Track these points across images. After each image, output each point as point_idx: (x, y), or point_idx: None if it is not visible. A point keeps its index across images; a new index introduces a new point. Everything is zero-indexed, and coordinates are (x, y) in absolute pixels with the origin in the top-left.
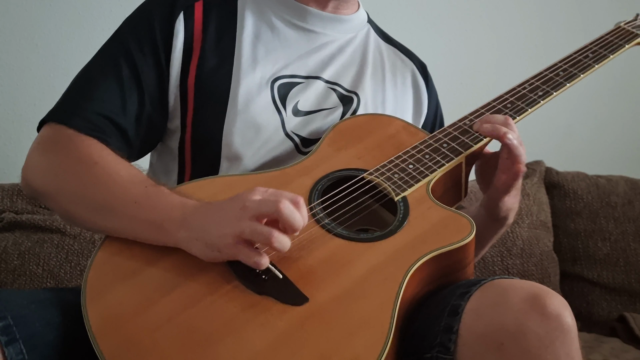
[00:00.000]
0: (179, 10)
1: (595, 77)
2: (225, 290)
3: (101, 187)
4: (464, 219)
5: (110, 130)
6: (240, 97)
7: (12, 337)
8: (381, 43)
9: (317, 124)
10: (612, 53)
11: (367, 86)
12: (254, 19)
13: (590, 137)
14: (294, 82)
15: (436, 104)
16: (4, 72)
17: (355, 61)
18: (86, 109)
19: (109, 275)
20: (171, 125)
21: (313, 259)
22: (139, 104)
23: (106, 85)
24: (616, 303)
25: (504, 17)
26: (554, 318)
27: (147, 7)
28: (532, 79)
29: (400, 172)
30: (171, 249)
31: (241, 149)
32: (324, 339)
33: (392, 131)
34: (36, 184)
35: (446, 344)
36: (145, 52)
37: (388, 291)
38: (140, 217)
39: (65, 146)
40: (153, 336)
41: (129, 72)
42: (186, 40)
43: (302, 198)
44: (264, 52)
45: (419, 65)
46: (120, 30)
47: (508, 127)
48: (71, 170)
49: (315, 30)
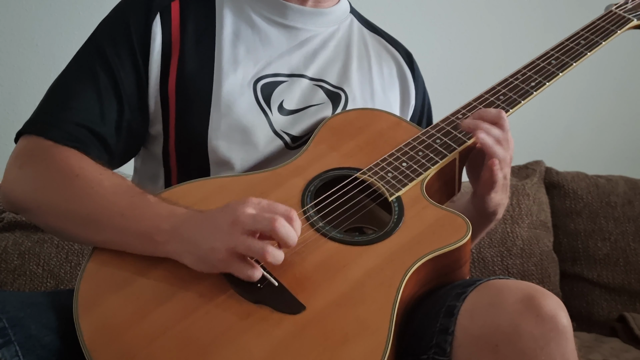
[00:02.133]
0: (155, 11)
1: (596, 77)
2: (220, 299)
3: (85, 201)
4: (459, 219)
5: (89, 140)
6: (222, 99)
7: (7, 339)
8: (365, 32)
9: (306, 121)
10: (604, 39)
11: (354, 80)
12: (233, 17)
13: (590, 137)
14: (277, 81)
15: (423, 93)
16: (4, 72)
17: (339, 55)
18: (63, 119)
19: (101, 286)
20: (152, 131)
21: (308, 264)
22: (118, 112)
23: (83, 93)
24: (616, 303)
25: (503, 15)
26: (549, 319)
27: (122, 9)
28: (524, 69)
29: (393, 170)
30: (164, 257)
31: (228, 152)
32: (323, 347)
33: (384, 127)
34: (16, 199)
35: (442, 345)
36: (122, 57)
37: (386, 295)
38: (127, 229)
39: (44, 159)
40: (149, 348)
41: (106, 79)
42: (164, 42)
43: (295, 212)
44: (245, 51)
45: (404, 54)
46: (96, 34)
47: (496, 121)
48: (51, 184)
49: (296, 26)
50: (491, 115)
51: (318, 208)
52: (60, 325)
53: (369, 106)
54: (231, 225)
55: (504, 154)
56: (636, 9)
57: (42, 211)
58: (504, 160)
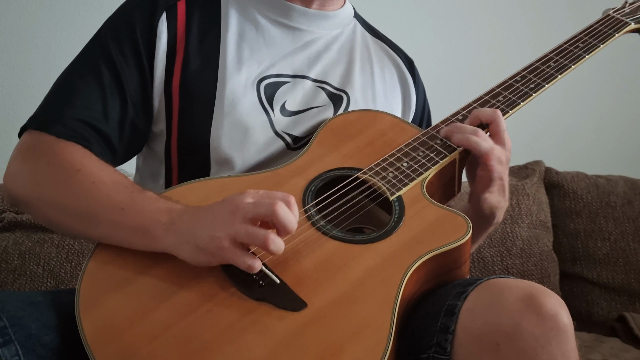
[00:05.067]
0: (161, 10)
1: (596, 78)
2: (222, 297)
3: (85, 195)
4: (459, 218)
5: (92, 136)
6: (226, 99)
7: (7, 338)
8: (368, 37)
9: (307, 122)
10: (602, 42)
11: (356, 83)
12: (238, 17)
13: (590, 137)
14: (281, 82)
15: (423, 99)
16: (4, 72)
17: (342, 58)
18: (67, 115)
19: (103, 285)
20: (156, 129)
21: (309, 262)
22: (122, 109)
23: (87, 90)
24: (616, 303)
25: (503, 17)
26: (550, 318)
27: (128, 7)
28: (523, 71)
29: (394, 170)
30: (165, 255)
31: (230, 152)
32: (324, 345)
33: (384, 128)
34: (17, 192)
35: (442, 344)
36: (127, 55)
37: (387, 294)
38: (125, 223)
39: (46, 153)
40: (150, 346)
41: (110, 77)
42: (169, 41)
43: (293, 197)
44: (249, 51)
45: (406, 61)
46: (101, 32)
47: (491, 120)
48: (53, 178)
49: (301, 28)
50: (487, 114)
51: (319, 207)
52: (61, 324)
53: (370, 108)
54: (231, 213)
55: (491, 146)
56: (633, 13)
57: (42, 204)
58: (490, 152)
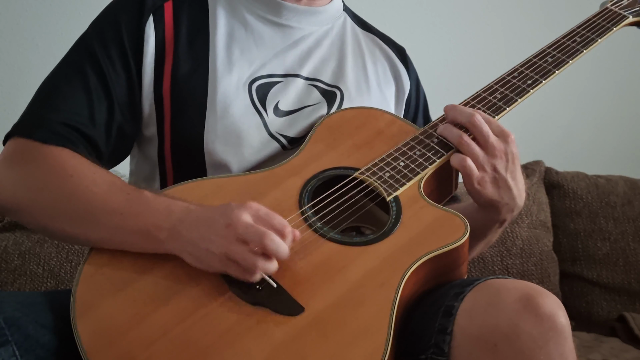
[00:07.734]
0: (148, 12)
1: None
2: (219, 301)
3: (81, 200)
4: (457, 219)
5: (78, 140)
6: (218, 102)
7: (4, 339)
8: (358, 31)
9: (301, 122)
10: (599, 37)
11: (349, 78)
12: (227, 17)
13: (590, 137)
14: (272, 82)
15: (417, 82)
16: (4, 72)
17: (333, 54)
18: (52, 120)
19: (99, 288)
20: (147, 133)
21: (307, 265)
22: (108, 113)
23: (72, 94)
24: (616, 303)
25: (503, 14)
26: (547, 318)
27: (114, 9)
28: (520, 67)
29: (391, 170)
30: (161, 258)
31: (225, 156)
32: (323, 350)
33: (381, 126)
34: (6, 199)
35: (440, 345)
36: (113, 58)
37: (385, 297)
38: (125, 227)
39: (34, 157)
40: (148, 351)
41: (96, 80)
42: (157, 44)
43: (289, 227)
44: (239, 52)
45: (396, 51)
46: (86, 34)
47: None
48: (44, 183)
49: (291, 25)
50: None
51: (316, 208)
52: (58, 325)
53: (365, 102)
54: (226, 228)
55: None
56: (631, 6)
57: (34, 210)
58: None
